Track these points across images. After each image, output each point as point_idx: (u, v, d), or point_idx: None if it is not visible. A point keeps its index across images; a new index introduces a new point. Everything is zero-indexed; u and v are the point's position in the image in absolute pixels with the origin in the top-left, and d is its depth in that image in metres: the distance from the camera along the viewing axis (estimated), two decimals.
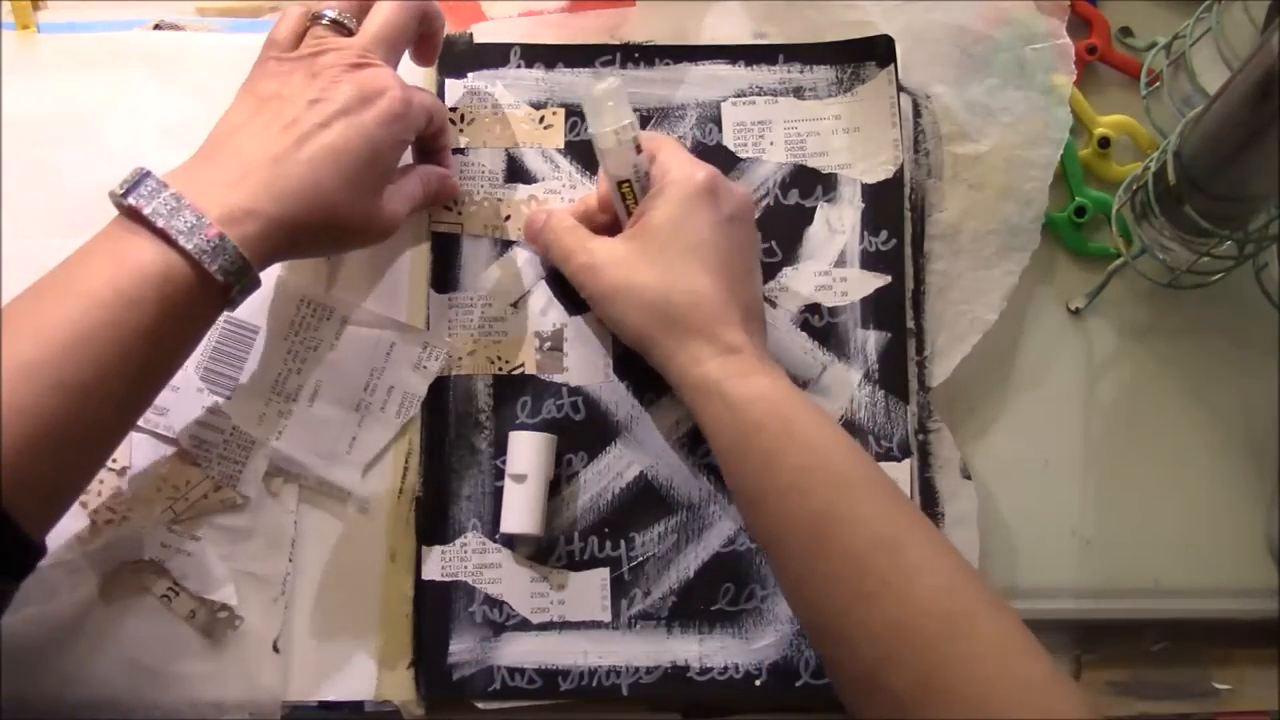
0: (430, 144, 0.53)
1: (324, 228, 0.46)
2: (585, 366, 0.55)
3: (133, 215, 0.42)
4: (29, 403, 0.39)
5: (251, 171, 0.44)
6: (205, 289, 0.42)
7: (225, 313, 0.46)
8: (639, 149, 0.51)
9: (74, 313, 0.40)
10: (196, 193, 0.43)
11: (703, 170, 0.50)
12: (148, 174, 0.43)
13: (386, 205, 0.48)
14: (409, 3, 0.49)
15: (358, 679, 0.51)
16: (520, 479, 0.52)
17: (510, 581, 0.53)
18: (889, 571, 0.42)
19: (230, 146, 0.45)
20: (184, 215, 0.42)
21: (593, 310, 0.53)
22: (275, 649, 0.51)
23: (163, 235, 0.41)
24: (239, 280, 0.43)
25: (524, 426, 0.54)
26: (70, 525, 0.51)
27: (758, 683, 0.52)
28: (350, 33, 0.48)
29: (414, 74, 0.55)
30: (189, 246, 0.41)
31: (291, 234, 0.44)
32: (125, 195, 0.42)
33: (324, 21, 0.48)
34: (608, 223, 0.54)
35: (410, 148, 0.53)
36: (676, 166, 0.50)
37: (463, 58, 0.57)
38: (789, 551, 0.45)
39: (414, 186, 0.51)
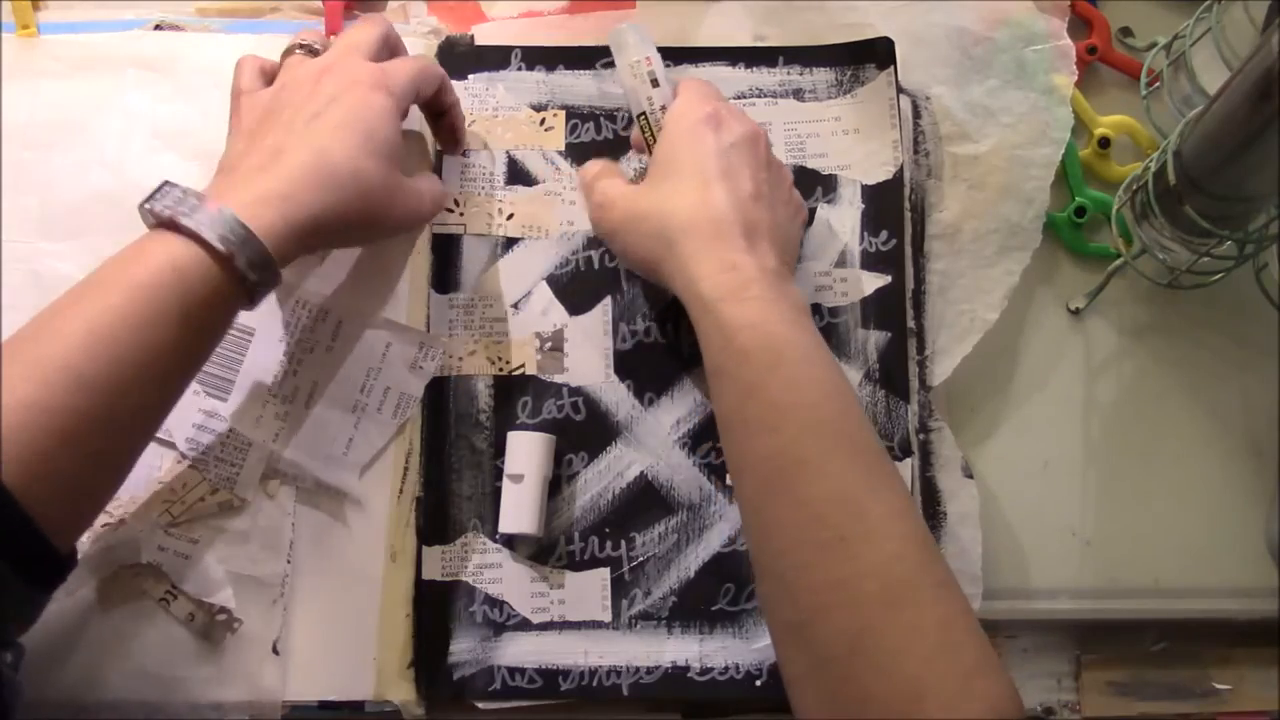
0: (436, 106, 0.53)
1: (344, 204, 0.46)
2: (586, 367, 0.55)
3: (154, 217, 0.43)
4: (47, 399, 0.39)
5: (261, 170, 0.44)
6: (226, 281, 0.43)
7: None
8: (655, 84, 0.52)
9: (93, 310, 0.40)
10: (215, 195, 0.44)
11: (708, 104, 0.50)
12: (167, 183, 0.44)
13: (407, 181, 0.49)
14: (434, 70, 0.51)
15: (358, 679, 0.51)
16: (518, 479, 0.52)
17: (510, 581, 0.53)
18: (844, 528, 0.41)
19: (236, 166, 0.46)
20: (204, 211, 0.42)
21: (611, 249, 0.54)
22: (275, 651, 0.51)
23: (184, 230, 0.42)
24: (260, 272, 0.43)
25: (524, 426, 0.54)
26: None
27: (758, 683, 0.52)
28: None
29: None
30: (190, 224, 0.42)
31: (314, 216, 0.44)
32: (147, 201, 0.43)
33: (296, 52, 0.50)
34: None
35: (421, 113, 0.54)
36: (684, 102, 0.51)
37: (463, 59, 0.57)
38: (751, 485, 0.44)
39: (432, 175, 0.53)
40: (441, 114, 0.54)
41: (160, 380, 0.42)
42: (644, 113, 0.52)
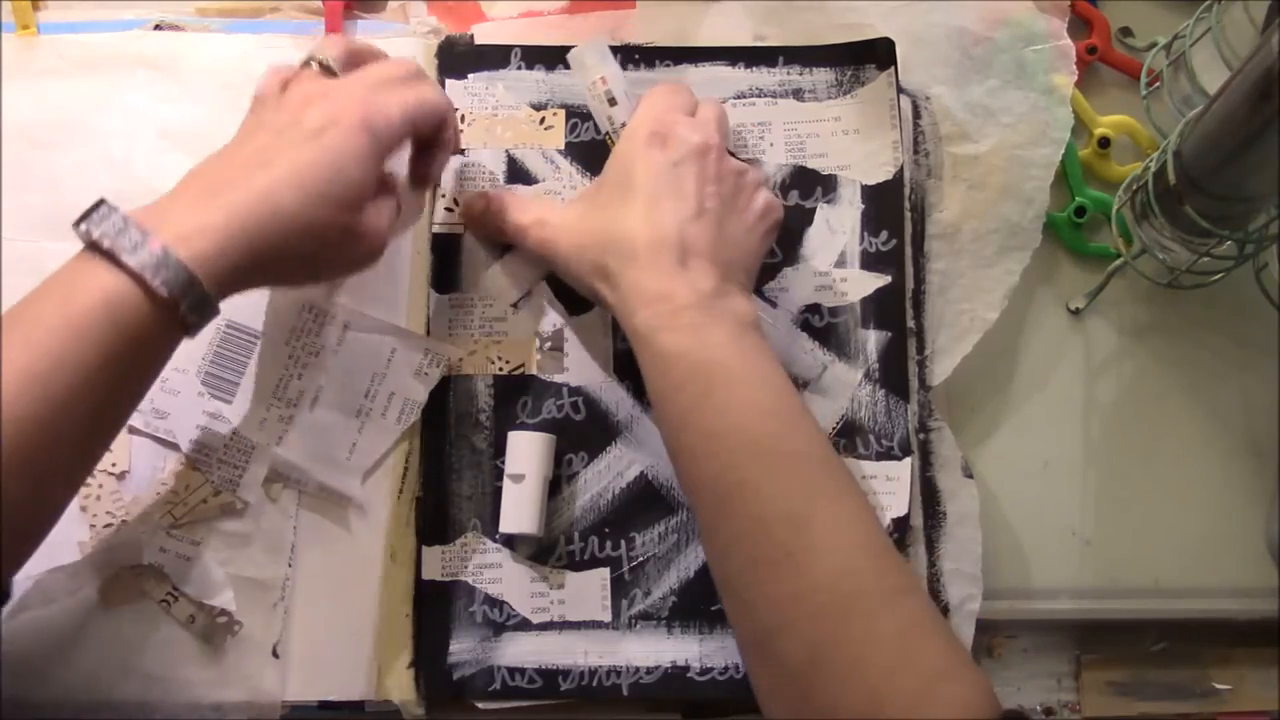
0: (428, 140, 0.51)
1: (289, 246, 0.43)
2: (586, 366, 0.55)
3: (84, 241, 0.41)
4: None
5: (210, 195, 0.43)
6: (156, 311, 0.41)
7: (223, 319, 0.45)
8: (613, 102, 0.52)
9: (24, 345, 0.39)
10: (151, 218, 0.41)
11: (657, 121, 0.49)
12: (102, 201, 0.41)
13: (367, 221, 0.46)
14: (434, 104, 0.48)
15: (358, 679, 0.51)
16: (518, 479, 0.52)
17: (510, 581, 0.53)
18: (790, 544, 0.42)
19: (197, 177, 0.44)
20: (130, 234, 0.40)
21: (556, 273, 0.53)
22: (275, 654, 0.51)
23: (108, 255, 0.40)
24: (186, 298, 0.41)
25: (524, 426, 0.54)
26: (70, 530, 0.51)
27: None
28: (335, 76, 0.48)
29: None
30: (132, 263, 0.40)
31: (252, 254, 0.42)
32: (79, 223, 0.41)
33: (311, 66, 0.48)
34: None
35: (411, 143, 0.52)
36: (635, 120, 0.50)
37: (463, 59, 0.57)
38: (702, 509, 0.45)
39: (391, 204, 0.48)
40: (428, 147, 0.51)
41: (94, 415, 0.41)
42: (607, 132, 0.53)
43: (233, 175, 0.43)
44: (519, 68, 0.57)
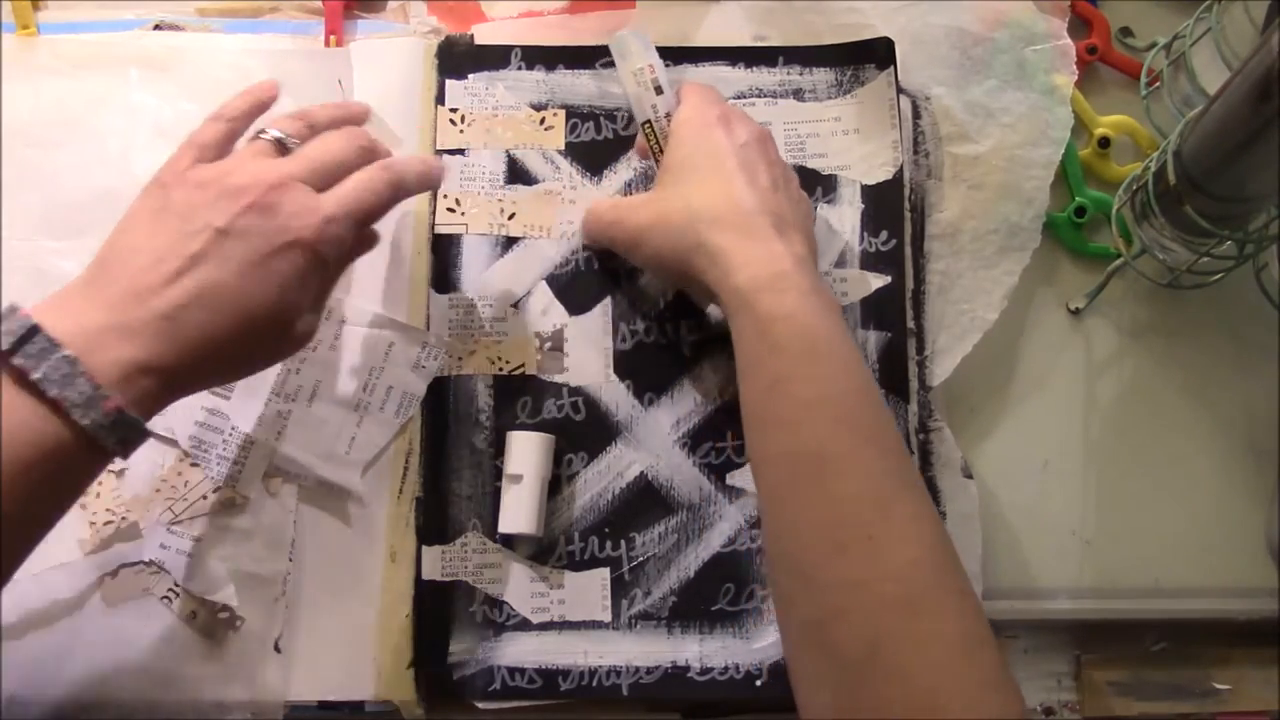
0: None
1: (219, 369, 0.43)
2: (586, 366, 0.55)
3: (19, 377, 0.38)
4: None
5: (144, 310, 0.40)
6: (98, 454, 0.40)
7: None
8: (659, 91, 0.52)
9: None
10: (88, 346, 0.39)
11: (715, 107, 0.50)
12: (35, 329, 0.38)
13: (302, 325, 0.45)
14: (386, 175, 0.46)
15: (358, 679, 0.51)
16: (516, 479, 0.52)
17: (510, 581, 0.53)
18: (868, 527, 0.40)
19: (126, 278, 0.41)
20: (78, 384, 0.38)
21: (634, 263, 0.53)
22: (277, 649, 0.51)
23: (54, 405, 0.38)
24: (133, 443, 0.40)
25: (524, 426, 0.54)
26: (70, 528, 0.51)
27: (758, 683, 0.52)
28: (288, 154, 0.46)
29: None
30: (85, 423, 0.38)
31: (185, 382, 0.42)
32: (11, 353, 0.38)
33: (266, 138, 0.45)
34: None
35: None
36: (690, 108, 0.51)
37: (463, 59, 0.57)
38: (777, 480, 0.43)
39: (324, 303, 0.47)
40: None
41: (17, 541, 0.40)
42: (649, 120, 0.52)
43: (166, 288, 0.40)
44: (519, 68, 0.57)
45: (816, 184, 0.56)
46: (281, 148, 0.46)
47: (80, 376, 0.38)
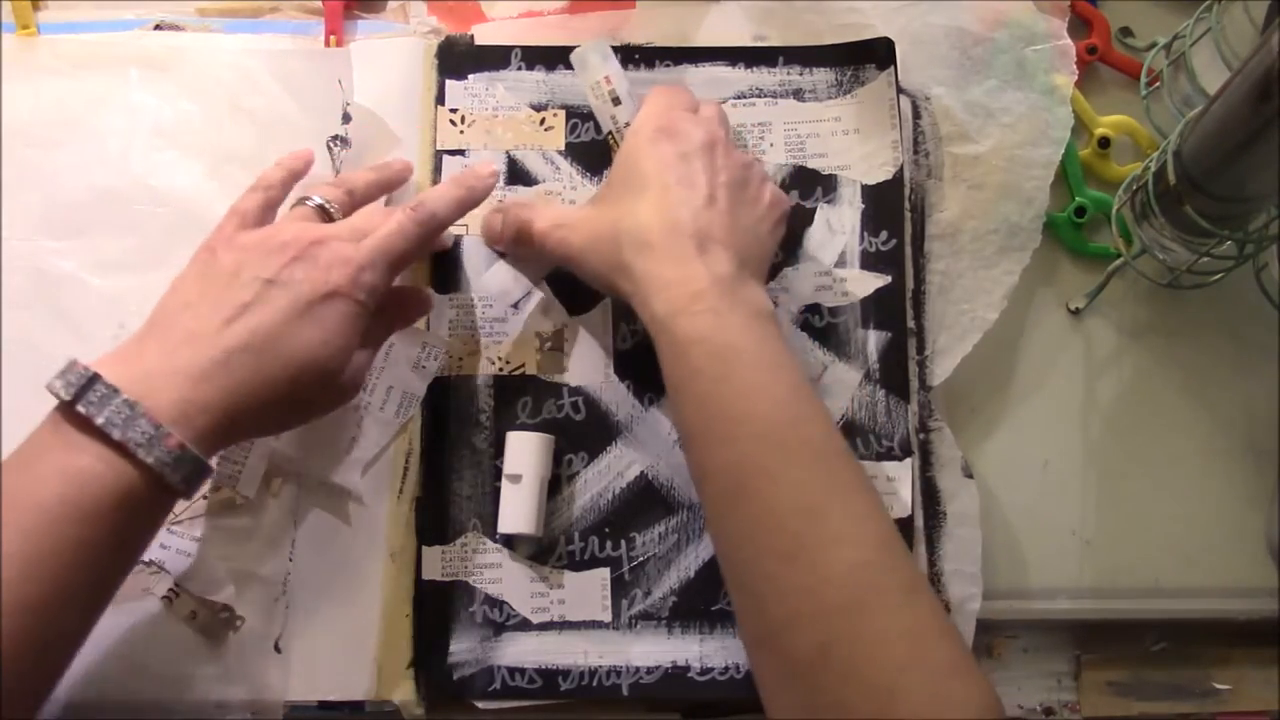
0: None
1: (271, 414, 0.45)
2: (586, 367, 0.55)
3: (83, 425, 0.40)
4: None
5: (197, 355, 0.42)
6: (164, 493, 0.41)
7: None
8: (616, 102, 0.52)
9: (28, 531, 0.38)
10: (147, 390, 0.41)
11: (663, 116, 0.50)
12: (95, 377, 0.40)
13: (350, 374, 0.47)
14: (415, 215, 0.47)
15: (358, 679, 0.51)
16: (516, 479, 0.52)
17: (510, 581, 0.53)
18: (805, 536, 0.41)
19: (179, 328, 0.43)
20: (140, 425, 0.40)
21: (574, 272, 0.52)
22: (277, 649, 0.51)
23: (119, 448, 0.40)
24: (196, 481, 0.42)
25: (524, 426, 0.54)
26: None
27: None
28: (331, 219, 0.48)
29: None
30: (149, 460, 0.40)
31: (241, 424, 0.43)
32: (74, 402, 0.40)
33: (309, 205, 0.48)
34: None
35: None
36: (639, 118, 0.50)
37: (463, 59, 0.57)
38: (712, 498, 0.44)
39: (370, 353, 0.49)
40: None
41: (100, 586, 0.42)
42: (610, 131, 0.53)
43: (221, 337, 0.43)
44: (519, 68, 0.57)
45: (816, 184, 0.56)
46: (324, 214, 0.48)
47: (141, 418, 0.40)
